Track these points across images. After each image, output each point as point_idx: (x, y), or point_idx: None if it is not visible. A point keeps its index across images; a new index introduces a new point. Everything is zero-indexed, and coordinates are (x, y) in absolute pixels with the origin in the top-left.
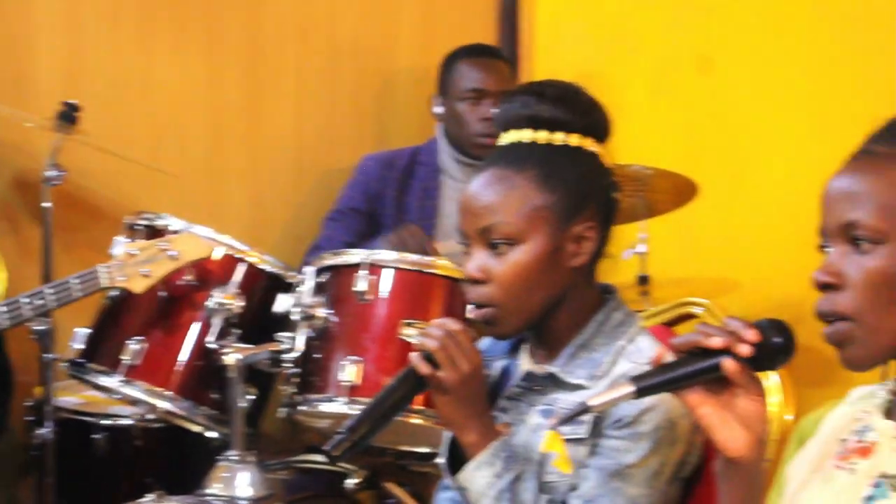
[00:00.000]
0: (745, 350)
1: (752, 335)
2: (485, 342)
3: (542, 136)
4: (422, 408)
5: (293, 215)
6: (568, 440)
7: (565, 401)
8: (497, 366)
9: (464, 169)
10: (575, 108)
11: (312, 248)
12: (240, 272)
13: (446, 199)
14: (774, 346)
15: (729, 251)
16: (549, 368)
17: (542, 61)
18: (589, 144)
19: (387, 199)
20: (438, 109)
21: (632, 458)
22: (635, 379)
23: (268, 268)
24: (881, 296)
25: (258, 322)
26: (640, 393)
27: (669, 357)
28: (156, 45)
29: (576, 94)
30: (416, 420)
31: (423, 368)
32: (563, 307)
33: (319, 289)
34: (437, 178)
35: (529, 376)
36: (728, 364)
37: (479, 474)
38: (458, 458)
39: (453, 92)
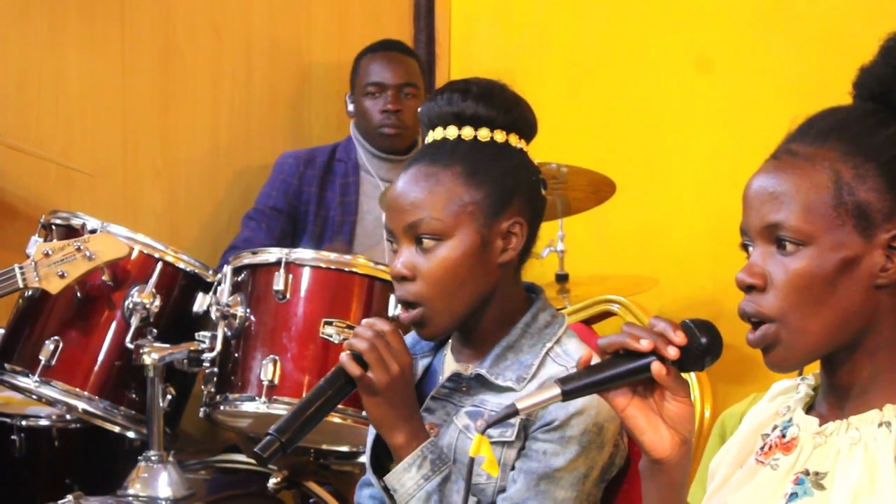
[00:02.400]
0: (672, 353)
1: (679, 337)
2: (407, 339)
3: (468, 132)
4: (342, 406)
5: (210, 213)
6: (496, 443)
7: (493, 403)
8: (421, 363)
9: (379, 164)
10: (499, 104)
11: (230, 249)
12: (157, 271)
13: (365, 195)
14: (701, 348)
15: (646, 249)
16: (476, 370)
17: (458, 59)
18: (514, 141)
19: (307, 196)
20: (350, 108)
21: (560, 462)
22: (562, 381)
23: (185, 267)
24: (805, 297)
25: (176, 321)
26: (567, 395)
27: (596, 359)
28: (67, 41)
29: (501, 91)
30: (336, 419)
31: (353, 369)
32: (490, 305)
33: (238, 288)
34: (355, 174)
35: (456, 377)
36: (655, 367)
37: (408, 476)
38: (382, 458)
39: (358, 88)
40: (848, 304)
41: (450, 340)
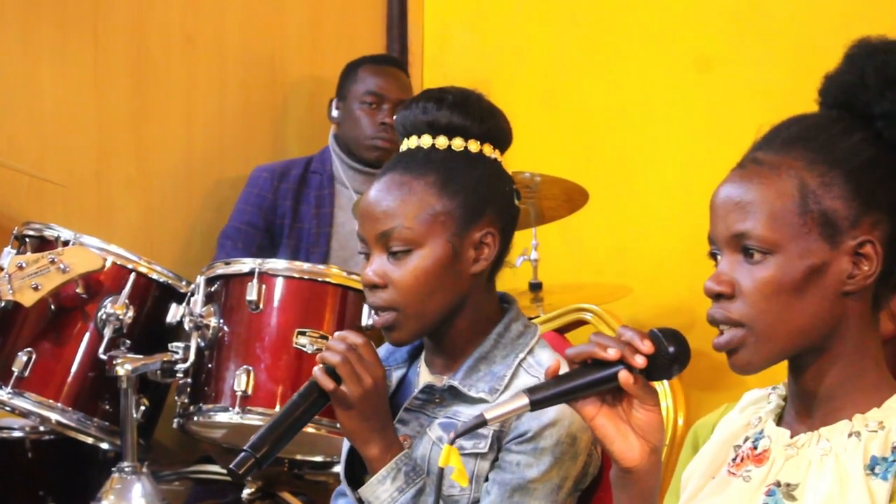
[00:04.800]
0: (639, 361)
1: (646, 346)
2: (381, 351)
3: (442, 141)
4: (317, 417)
5: (183, 224)
6: (470, 454)
7: (466, 414)
8: (395, 375)
9: (356, 176)
10: (475, 114)
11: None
12: (130, 282)
13: (340, 208)
14: (669, 357)
15: (620, 257)
16: (449, 381)
17: (431, 69)
18: (488, 151)
19: (282, 210)
20: (335, 113)
21: (534, 473)
22: (530, 391)
23: (158, 278)
24: (773, 304)
25: (150, 332)
26: (535, 405)
27: (565, 368)
28: (40, 51)
29: (476, 100)
30: (310, 429)
31: (326, 383)
32: (462, 315)
33: (211, 298)
34: (330, 186)
35: (429, 388)
36: (623, 376)
37: (382, 488)
38: (357, 469)
39: (352, 95)
40: (815, 310)
41: (423, 352)
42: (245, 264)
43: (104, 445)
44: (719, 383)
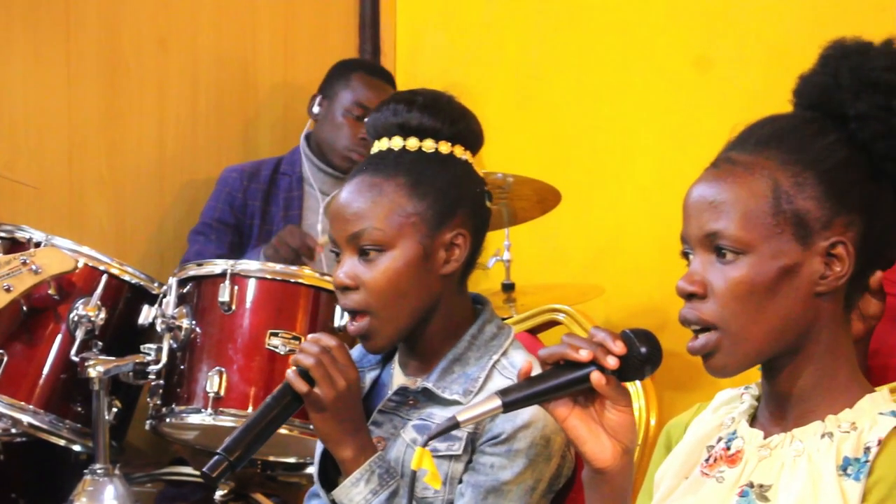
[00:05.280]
0: (611, 363)
1: (618, 347)
2: (354, 353)
3: (412, 143)
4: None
5: (156, 226)
6: (443, 456)
7: (440, 416)
8: (369, 377)
9: (325, 179)
10: (445, 116)
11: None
12: (102, 284)
13: (308, 210)
14: (641, 357)
15: (592, 258)
16: (423, 383)
17: (404, 70)
18: (459, 152)
19: (252, 210)
20: (317, 109)
21: (508, 475)
22: (502, 393)
23: (130, 279)
24: (745, 305)
25: (122, 334)
26: (508, 407)
27: (537, 370)
28: (12, 52)
29: (447, 102)
30: (283, 431)
31: (300, 386)
32: (434, 317)
33: (183, 300)
34: (299, 188)
35: (403, 390)
36: (595, 377)
37: (356, 491)
38: (330, 471)
39: (339, 100)
40: (788, 311)
41: (397, 354)
42: (217, 265)
43: (76, 447)
44: (692, 383)
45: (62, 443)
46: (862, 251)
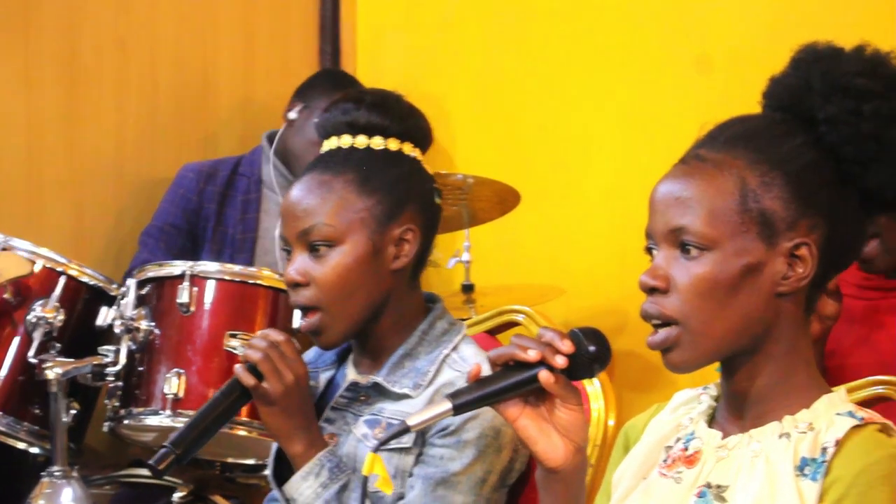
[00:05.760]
0: (560, 361)
1: (566, 346)
2: (310, 353)
3: (361, 140)
4: (247, 419)
5: (114, 226)
6: (394, 450)
7: (391, 410)
8: (323, 377)
9: (284, 183)
10: (393, 113)
11: (129, 271)
12: (60, 285)
13: (266, 213)
14: (589, 356)
15: (552, 258)
16: (373, 378)
17: (364, 72)
18: (408, 149)
19: (206, 213)
20: (293, 115)
21: (457, 466)
22: (452, 396)
23: (89, 280)
24: (708, 301)
25: (80, 336)
26: (458, 409)
27: (487, 371)
28: None
29: (395, 100)
30: (242, 432)
31: (247, 380)
32: (385, 313)
33: (142, 301)
34: (257, 190)
35: (354, 386)
36: (544, 376)
37: (306, 485)
38: (284, 469)
39: (318, 112)
40: (749, 309)
41: (351, 354)
42: (176, 267)
43: (34, 450)
44: (651, 384)
45: (20, 445)
46: (825, 254)
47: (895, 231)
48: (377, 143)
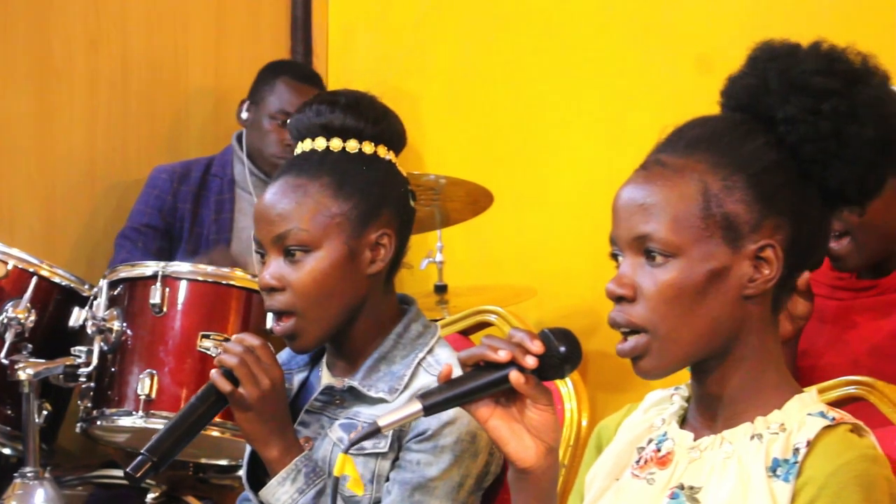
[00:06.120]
0: (530, 362)
1: (536, 347)
2: (283, 355)
3: (336, 143)
4: (221, 420)
5: (86, 227)
6: (370, 454)
7: (367, 414)
8: (297, 378)
9: (257, 182)
10: (367, 116)
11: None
12: (32, 286)
13: (240, 213)
14: (560, 356)
15: (524, 259)
16: (349, 382)
17: (336, 72)
18: (383, 152)
19: (181, 213)
20: (245, 115)
21: (434, 472)
22: (422, 396)
23: (61, 281)
24: (675, 308)
25: (52, 336)
26: (428, 410)
27: (458, 371)
28: None
29: (369, 102)
30: (215, 433)
31: (224, 385)
32: (361, 317)
33: (114, 302)
34: (230, 190)
35: (330, 390)
36: (514, 377)
37: (282, 490)
38: (258, 472)
39: (265, 106)
40: (717, 314)
41: (325, 355)
42: (148, 267)
43: (6, 451)
44: (624, 384)
45: None
46: (790, 254)
47: (867, 229)
48: (352, 146)
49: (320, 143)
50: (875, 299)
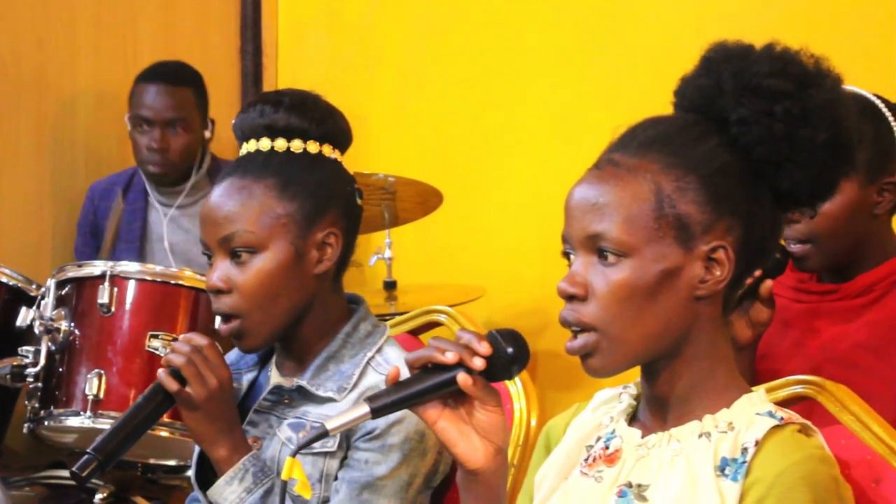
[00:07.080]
0: (477, 364)
1: (484, 348)
2: (232, 355)
3: (280, 144)
4: (169, 420)
5: (33, 226)
6: (319, 454)
7: (315, 414)
8: (246, 378)
9: (156, 189)
10: (312, 115)
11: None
12: None
13: (152, 223)
14: (507, 357)
15: (474, 258)
16: (297, 381)
17: (285, 70)
18: (328, 151)
19: (102, 229)
20: (129, 127)
21: (382, 470)
22: (370, 399)
23: (8, 281)
24: (626, 307)
25: None
26: (376, 413)
27: (406, 373)
28: None
29: (313, 102)
30: (163, 433)
31: (170, 385)
32: (309, 316)
33: (62, 301)
34: (143, 200)
35: (278, 389)
36: (462, 378)
37: (230, 489)
38: (207, 472)
39: (130, 115)
40: (668, 314)
41: (274, 355)
42: (96, 267)
43: None
44: (574, 384)
45: None
46: (741, 255)
47: (833, 237)
48: (296, 146)
49: (265, 144)
50: (837, 304)
